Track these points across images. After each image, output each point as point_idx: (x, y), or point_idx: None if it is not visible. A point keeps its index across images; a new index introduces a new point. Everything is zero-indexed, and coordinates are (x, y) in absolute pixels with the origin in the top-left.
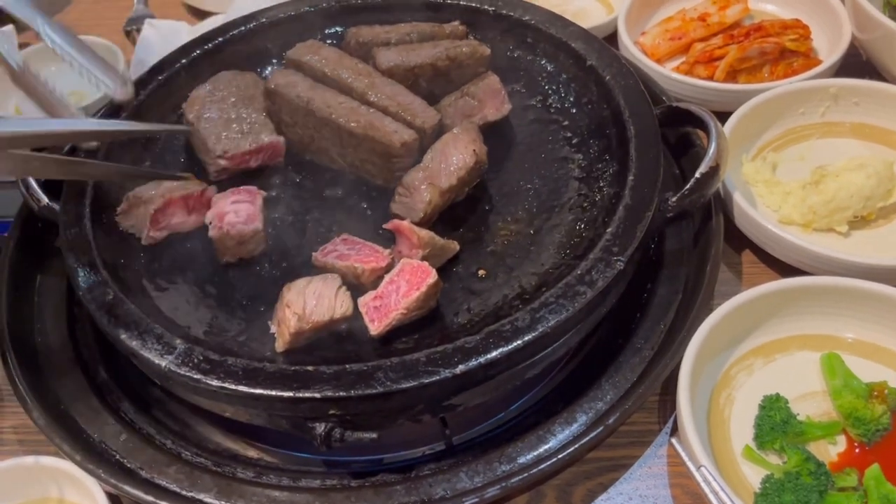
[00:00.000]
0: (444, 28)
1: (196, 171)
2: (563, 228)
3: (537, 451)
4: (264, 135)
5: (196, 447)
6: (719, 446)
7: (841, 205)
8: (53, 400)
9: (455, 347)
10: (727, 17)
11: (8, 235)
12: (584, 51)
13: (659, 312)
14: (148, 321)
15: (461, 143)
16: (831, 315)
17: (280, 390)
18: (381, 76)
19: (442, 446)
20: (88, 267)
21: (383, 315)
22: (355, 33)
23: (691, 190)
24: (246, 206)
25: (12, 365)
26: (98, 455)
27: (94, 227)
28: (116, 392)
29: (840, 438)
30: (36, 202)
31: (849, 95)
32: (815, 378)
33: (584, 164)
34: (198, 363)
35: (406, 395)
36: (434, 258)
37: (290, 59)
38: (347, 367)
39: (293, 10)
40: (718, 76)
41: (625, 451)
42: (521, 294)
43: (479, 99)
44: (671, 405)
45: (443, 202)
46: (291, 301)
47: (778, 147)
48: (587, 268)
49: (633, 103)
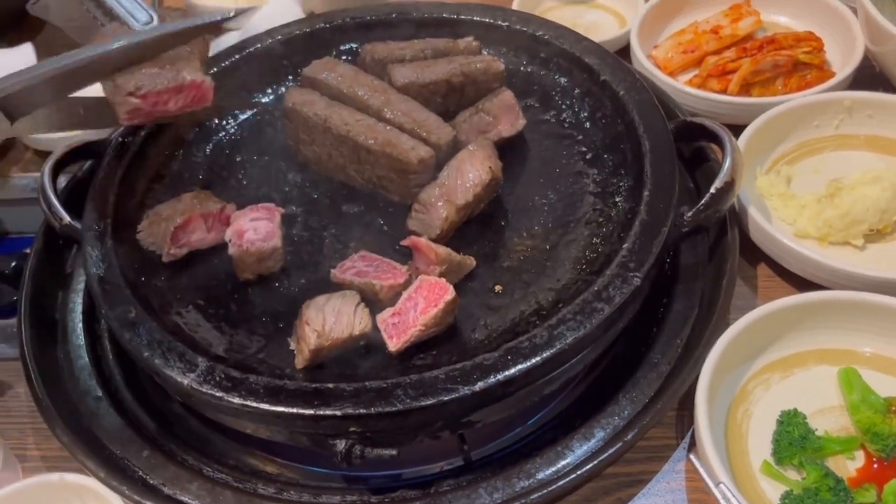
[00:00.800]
0: (458, 44)
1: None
2: (578, 243)
3: (556, 466)
4: (186, 72)
5: (217, 463)
6: (737, 462)
7: (857, 218)
8: (76, 417)
9: (473, 364)
10: (740, 29)
11: (30, 252)
12: (597, 66)
13: (675, 327)
14: (170, 339)
15: (477, 159)
16: (848, 329)
17: (301, 408)
18: (396, 93)
19: (460, 461)
20: (109, 284)
21: (401, 332)
22: (370, 50)
23: (706, 205)
24: (264, 223)
25: (36, 383)
26: (121, 471)
27: (115, 244)
28: (138, 408)
29: (858, 454)
30: (58, 220)
31: (863, 108)
32: (833, 393)
33: (598, 178)
34: (220, 381)
35: (425, 412)
36: (451, 274)
37: (307, 76)
38: (367, 385)
39: (308, 27)
40: (732, 89)
41: (642, 467)
42: (538, 310)
43: (494, 115)
44: (688, 420)
45: (459, 218)
46: (311, 318)
47: (792, 160)
48: (604, 284)
49: (648, 118)
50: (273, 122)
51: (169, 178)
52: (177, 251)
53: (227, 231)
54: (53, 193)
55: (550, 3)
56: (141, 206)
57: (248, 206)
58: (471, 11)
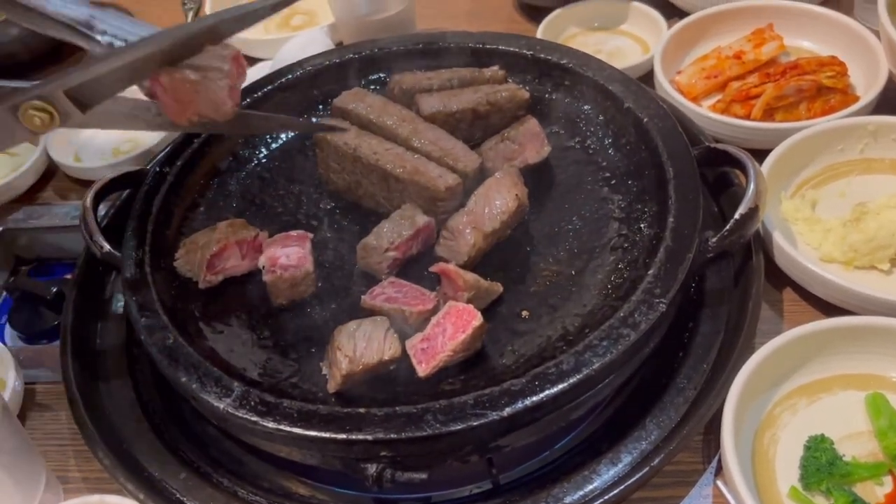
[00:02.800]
0: (483, 73)
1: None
2: (604, 269)
3: (583, 490)
4: (418, 217)
5: (251, 485)
6: (765, 487)
7: (882, 243)
8: (117, 440)
9: (502, 390)
10: (763, 54)
11: (71, 278)
12: (621, 93)
13: (701, 352)
14: (206, 364)
15: (504, 187)
16: (876, 355)
17: (333, 432)
18: (423, 122)
19: (489, 485)
20: (149, 311)
21: (430, 357)
22: (398, 81)
23: (731, 230)
24: (296, 248)
25: (79, 407)
26: (159, 493)
27: (153, 272)
28: (174, 431)
29: (887, 479)
30: (98, 248)
31: (888, 132)
32: (861, 418)
33: (623, 204)
34: (254, 405)
35: (455, 437)
36: (479, 300)
37: (337, 106)
38: (397, 410)
39: (338, 58)
40: (755, 115)
41: (669, 492)
42: (565, 335)
43: (520, 143)
44: (715, 444)
45: (486, 245)
46: (342, 344)
47: (817, 184)
48: (630, 310)
49: (671, 145)
50: (304, 151)
51: (204, 206)
52: (212, 278)
53: (261, 258)
54: (95, 222)
55: (574, 30)
56: (178, 235)
57: (280, 234)
58: (496, 41)
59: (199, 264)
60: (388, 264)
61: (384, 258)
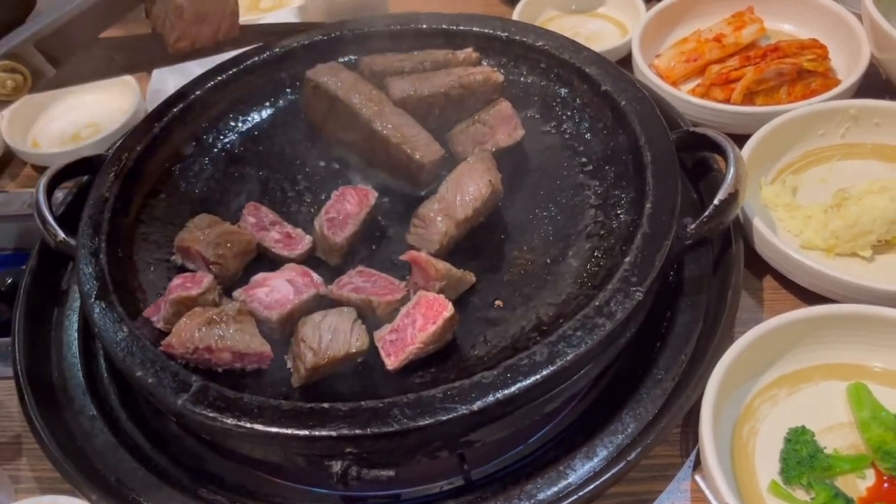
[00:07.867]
0: (457, 55)
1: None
2: (579, 257)
3: (557, 486)
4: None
5: (213, 484)
6: (744, 481)
7: (864, 229)
8: (70, 437)
9: (472, 383)
10: (743, 37)
11: (25, 269)
12: (598, 76)
13: (680, 342)
14: (163, 358)
15: (476, 172)
16: (858, 344)
17: (295, 429)
18: (391, 105)
19: (461, 481)
20: (104, 303)
21: (399, 349)
22: (369, 63)
23: (710, 217)
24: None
25: (29, 402)
26: (115, 493)
27: (109, 262)
28: (132, 428)
29: (869, 472)
30: (53, 237)
31: (869, 116)
32: (842, 409)
33: (600, 190)
34: (213, 401)
35: (423, 432)
36: (451, 290)
37: (309, 77)
38: (363, 405)
39: (306, 40)
40: (735, 98)
41: (647, 486)
42: (539, 325)
43: (491, 125)
44: (693, 437)
45: (459, 233)
46: (307, 335)
47: (798, 170)
48: (605, 299)
49: (649, 129)
50: (271, 136)
51: (165, 193)
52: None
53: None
54: (48, 210)
55: (551, 13)
56: (136, 223)
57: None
58: (470, 22)
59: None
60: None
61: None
